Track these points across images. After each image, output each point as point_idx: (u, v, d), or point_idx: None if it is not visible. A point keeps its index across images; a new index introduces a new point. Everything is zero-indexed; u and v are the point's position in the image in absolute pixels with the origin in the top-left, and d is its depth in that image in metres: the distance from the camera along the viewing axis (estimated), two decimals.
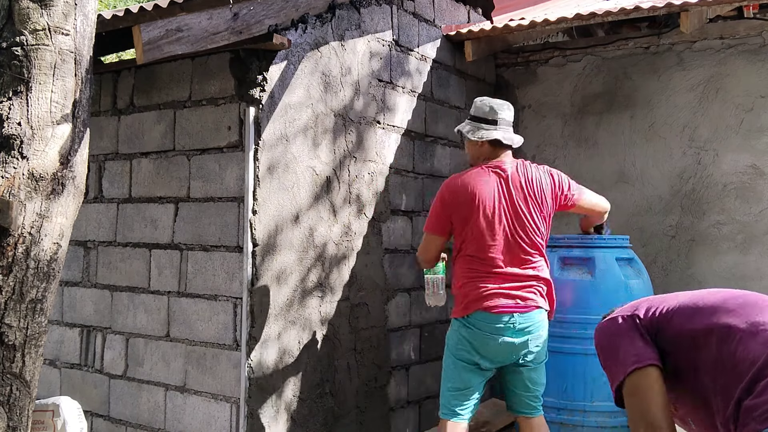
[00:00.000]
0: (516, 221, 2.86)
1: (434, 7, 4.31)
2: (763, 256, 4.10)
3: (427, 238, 3.00)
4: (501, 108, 2.98)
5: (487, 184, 2.87)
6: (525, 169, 2.94)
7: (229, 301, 3.12)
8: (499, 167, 2.92)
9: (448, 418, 2.87)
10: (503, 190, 2.87)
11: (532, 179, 2.92)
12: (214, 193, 3.19)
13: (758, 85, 4.17)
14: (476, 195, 2.84)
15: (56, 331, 3.75)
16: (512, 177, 2.90)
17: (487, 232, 2.83)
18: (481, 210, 2.83)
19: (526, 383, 2.91)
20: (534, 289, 2.86)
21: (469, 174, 2.94)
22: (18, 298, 1.93)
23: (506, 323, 2.78)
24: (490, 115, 2.96)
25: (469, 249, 2.87)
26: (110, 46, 3.22)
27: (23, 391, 1.97)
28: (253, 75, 3.09)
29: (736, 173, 4.20)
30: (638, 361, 1.75)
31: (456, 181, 2.94)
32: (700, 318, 1.76)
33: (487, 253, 2.83)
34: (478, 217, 2.83)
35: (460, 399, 2.86)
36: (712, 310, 1.75)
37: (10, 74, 1.95)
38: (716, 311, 1.74)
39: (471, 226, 2.84)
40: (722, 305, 1.75)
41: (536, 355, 2.88)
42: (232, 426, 3.07)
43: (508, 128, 2.99)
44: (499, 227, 2.84)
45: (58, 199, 2.00)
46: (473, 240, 2.85)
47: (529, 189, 2.90)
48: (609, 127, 4.60)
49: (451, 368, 2.91)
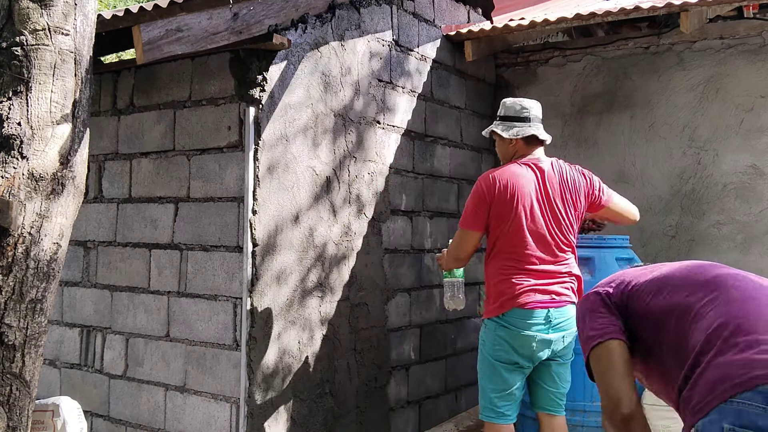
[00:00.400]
0: (552, 218, 2.84)
1: (434, 7, 4.31)
2: (763, 256, 4.10)
3: (463, 234, 2.90)
4: (532, 106, 2.99)
5: (525, 179, 2.83)
6: (560, 166, 2.93)
7: (229, 301, 3.12)
8: (535, 163, 2.89)
9: (494, 421, 2.82)
10: (540, 187, 2.84)
11: (567, 177, 2.91)
12: (214, 193, 3.19)
13: (758, 85, 4.17)
14: (515, 191, 2.79)
15: (56, 331, 3.75)
16: (549, 174, 2.87)
17: (524, 228, 2.79)
18: (520, 206, 2.79)
19: (555, 377, 2.87)
20: (567, 285, 2.85)
21: (505, 169, 2.88)
22: (18, 298, 1.93)
23: (542, 318, 2.75)
24: (522, 113, 2.95)
25: (504, 246, 2.82)
26: (110, 46, 3.22)
27: (23, 391, 1.97)
28: (253, 75, 3.09)
29: (736, 173, 4.20)
30: (600, 336, 1.75)
31: (493, 175, 2.85)
32: (664, 295, 1.72)
33: (524, 249, 2.79)
34: (517, 213, 2.78)
35: (506, 399, 2.81)
36: (676, 287, 1.71)
37: (10, 74, 1.95)
38: (680, 289, 1.70)
39: (509, 223, 2.79)
40: (688, 282, 1.71)
41: (567, 350, 2.86)
42: (232, 426, 3.07)
43: (540, 125, 2.98)
44: (536, 224, 2.81)
45: (58, 199, 2.00)
46: (510, 237, 2.80)
47: (565, 187, 2.89)
48: (609, 127, 4.60)
49: (491, 370, 2.84)
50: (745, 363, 1.43)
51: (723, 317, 1.54)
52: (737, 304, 1.56)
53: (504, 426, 2.81)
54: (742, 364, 1.43)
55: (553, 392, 2.89)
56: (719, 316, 1.55)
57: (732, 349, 1.47)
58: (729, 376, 1.43)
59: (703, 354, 1.51)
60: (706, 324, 1.55)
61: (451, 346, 4.38)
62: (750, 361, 1.43)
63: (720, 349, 1.48)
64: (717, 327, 1.52)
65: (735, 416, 1.40)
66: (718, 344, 1.49)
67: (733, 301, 1.57)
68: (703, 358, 1.51)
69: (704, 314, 1.58)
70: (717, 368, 1.46)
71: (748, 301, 1.57)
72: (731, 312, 1.54)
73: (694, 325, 1.58)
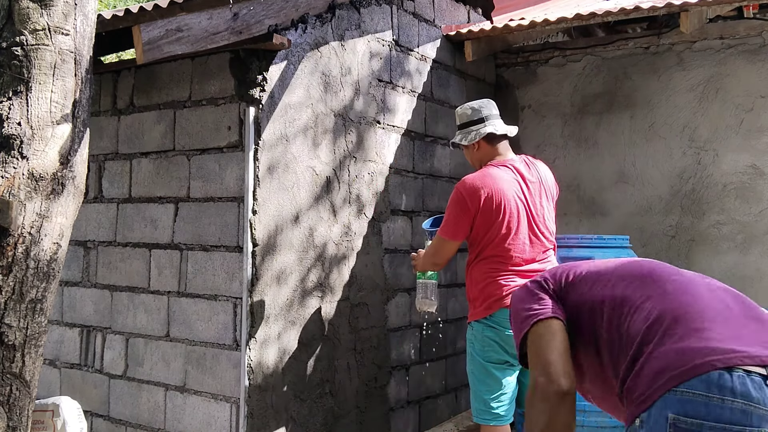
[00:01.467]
0: (536, 217, 2.85)
1: (434, 7, 4.31)
2: (763, 256, 4.10)
3: (443, 243, 2.90)
4: (482, 105, 2.99)
5: (507, 182, 2.83)
6: (533, 163, 2.96)
7: (229, 301, 3.12)
8: (512, 165, 2.89)
9: (490, 423, 2.81)
10: (521, 187, 2.85)
11: (542, 173, 2.94)
12: (214, 193, 3.19)
13: (758, 85, 4.17)
14: (500, 197, 2.78)
15: (56, 331, 3.75)
16: (527, 174, 2.89)
17: (511, 232, 2.79)
18: (506, 213, 2.78)
19: None
20: None
21: (485, 174, 2.86)
22: (18, 298, 1.93)
23: None
24: (474, 116, 2.97)
25: (490, 251, 2.82)
26: (110, 46, 3.22)
27: (23, 391, 1.97)
28: (253, 75, 3.09)
29: (736, 173, 4.20)
30: (541, 314, 1.73)
31: (474, 184, 2.82)
32: (600, 287, 1.73)
33: (510, 252, 2.80)
34: (504, 220, 2.78)
35: (500, 400, 2.81)
36: (613, 280, 1.72)
37: (10, 74, 1.95)
38: (618, 281, 1.70)
39: (496, 230, 2.79)
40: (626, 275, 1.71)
41: None
42: (232, 426, 3.07)
43: (497, 120, 2.98)
44: (521, 225, 2.81)
45: (58, 199, 2.00)
46: (496, 243, 2.80)
47: (542, 183, 2.91)
48: (609, 127, 4.60)
49: (482, 372, 2.83)
50: (684, 352, 1.46)
51: (660, 308, 1.56)
52: (674, 296, 1.59)
53: (500, 427, 2.81)
54: (681, 354, 1.46)
55: None
56: (656, 307, 1.57)
57: (670, 339, 1.49)
58: (670, 366, 1.45)
59: (644, 345, 1.53)
60: (645, 315, 1.57)
61: (451, 346, 4.38)
62: (689, 350, 1.46)
63: (660, 339, 1.51)
64: (656, 318, 1.54)
65: (679, 406, 1.42)
66: (659, 335, 1.51)
67: (670, 293, 1.60)
68: (645, 348, 1.52)
69: (642, 306, 1.60)
70: (658, 359, 1.48)
71: (685, 294, 1.60)
72: (669, 304, 1.57)
73: (633, 316, 1.59)
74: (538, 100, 4.85)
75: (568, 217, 4.65)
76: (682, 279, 1.66)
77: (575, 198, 4.67)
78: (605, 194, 4.60)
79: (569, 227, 4.61)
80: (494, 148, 2.94)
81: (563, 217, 4.64)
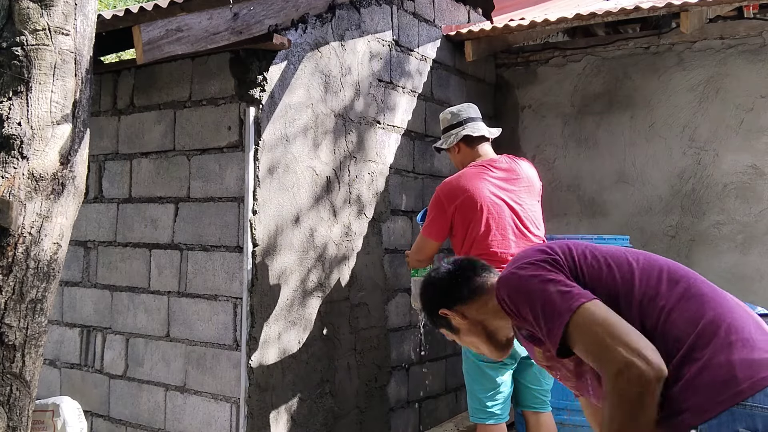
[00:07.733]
0: (521, 213, 2.88)
1: (434, 7, 4.31)
2: (763, 256, 4.10)
3: (425, 241, 2.98)
4: (460, 109, 3.08)
5: (485, 181, 2.87)
6: (515, 161, 3.00)
7: (229, 301, 3.12)
8: (491, 164, 2.94)
9: (486, 422, 2.82)
10: (501, 185, 2.89)
11: (525, 171, 2.98)
12: (214, 193, 3.19)
13: (758, 85, 4.17)
14: (476, 196, 2.83)
15: (56, 331, 3.75)
16: (508, 171, 2.93)
17: (493, 230, 2.82)
18: (483, 209, 2.82)
19: (537, 375, 2.89)
20: None
21: (462, 175, 2.93)
22: (18, 298, 1.93)
23: None
24: (453, 120, 3.06)
25: (475, 251, 2.83)
26: (110, 46, 3.22)
27: (23, 391, 1.97)
28: (253, 75, 3.09)
29: (736, 173, 4.20)
30: (584, 295, 1.52)
31: (452, 184, 2.90)
32: (621, 275, 1.60)
33: (493, 248, 2.82)
34: (481, 218, 2.82)
35: (495, 399, 2.83)
36: (633, 270, 1.60)
37: (10, 74, 1.95)
38: (641, 274, 1.59)
39: (474, 227, 2.83)
40: (647, 268, 1.61)
41: None
42: (232, 426, 3.07)
43: (477, 122, 3.04)
44: (503, 221, 2.84)
45: (58, 199, 2.00)
46: (479, 241, 2.83)
47: (527, 180, 2.95)
48: (609, 127, 4.60)
49: (477, 371, 2.85)
50: (749, 364, 1.41)
51: (710, 313, 1.49)
52: (717, 302, 1.52)
53: (496, 426, 2.82)
54: (747, 365, 1.41)
55: (537, 390, 2.92)
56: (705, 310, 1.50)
57: (729, 348, 1.43)
58: (736, 378, 1.40)
59: (695, 350, 1.45)
60: (688, 317, 1.49)
61: (451, 346, 4.38)
62: (754, 362, 1.41)
63: (718, 347, 1.44)
64: (709, 322, 1.47)
65: (749, 420, 1.38)
66: (714, 341, 1.45)
67: (711, 299, 1.52)
68: (697, 354, 1.44)
69: (679, 307, 1.51)
70: (720, 368, 1.42)
71: (725, 299, 1.54)
72: (717, 309, 1.50)
73: (672, 315, 1.51)
74: (538, 100, 4.85)
75: (568, 217, 4.65)
76: (710, 285, 1.59)
77: (575, 198, 4.67)
78: (605, 194, 4.60)
79: (569, 227, 4.61)
80: (474, 150, 3.02)
81: (563, 217, 4.64)
